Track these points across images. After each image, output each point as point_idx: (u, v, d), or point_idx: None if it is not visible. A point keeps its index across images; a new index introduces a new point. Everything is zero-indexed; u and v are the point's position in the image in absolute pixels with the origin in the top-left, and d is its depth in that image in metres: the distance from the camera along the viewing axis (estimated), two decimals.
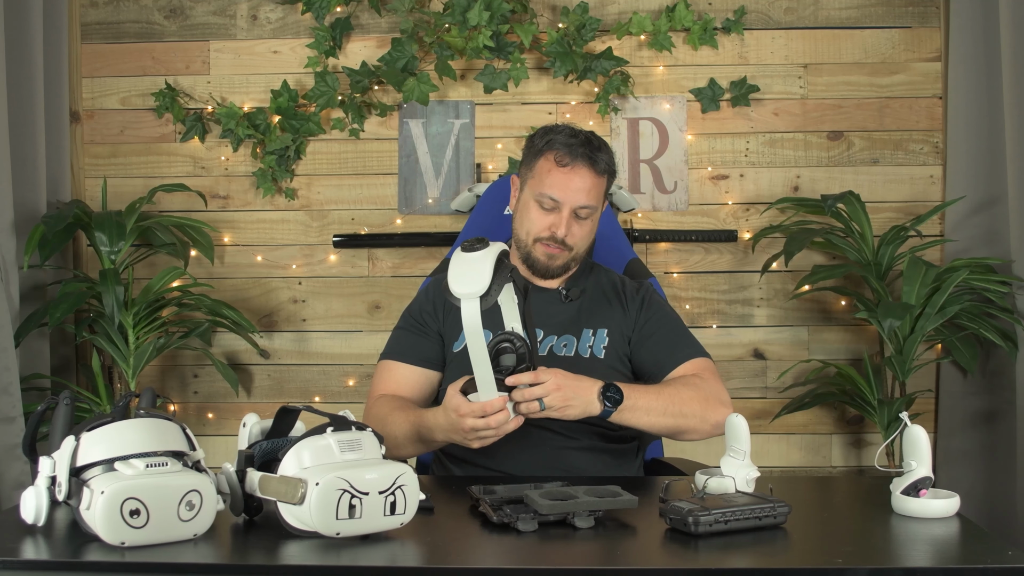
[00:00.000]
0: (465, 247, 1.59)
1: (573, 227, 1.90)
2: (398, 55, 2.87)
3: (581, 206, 1.89)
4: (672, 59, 2.93)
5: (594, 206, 1.92)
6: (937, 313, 2.54)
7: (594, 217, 1.94)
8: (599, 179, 1.91)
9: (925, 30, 2.91)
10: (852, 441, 2.93)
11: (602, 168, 1.91)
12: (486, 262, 1.56)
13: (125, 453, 1.32)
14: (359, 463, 1.34)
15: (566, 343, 1.92)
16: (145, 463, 1.31)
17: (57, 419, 1.48)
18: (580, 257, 1.96)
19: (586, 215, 1.91)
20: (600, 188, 1.92)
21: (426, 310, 2.00)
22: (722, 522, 1.34)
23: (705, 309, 2.94)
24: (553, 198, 1.89)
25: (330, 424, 1.37)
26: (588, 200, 1.90)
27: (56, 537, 1.36)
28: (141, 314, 2.70)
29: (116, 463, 1.31)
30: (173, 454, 1.36)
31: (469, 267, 1.57)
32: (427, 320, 1.98)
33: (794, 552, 1.33)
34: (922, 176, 2.92)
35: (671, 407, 1.78)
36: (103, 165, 3.01)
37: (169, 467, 1.32)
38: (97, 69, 3.01)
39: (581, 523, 1.39)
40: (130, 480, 1.27)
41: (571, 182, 1.88)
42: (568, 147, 1.90)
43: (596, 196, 1.91)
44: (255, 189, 2.98)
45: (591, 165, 1.89)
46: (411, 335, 1.98)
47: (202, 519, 1.32)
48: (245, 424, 1.51)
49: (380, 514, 1.32)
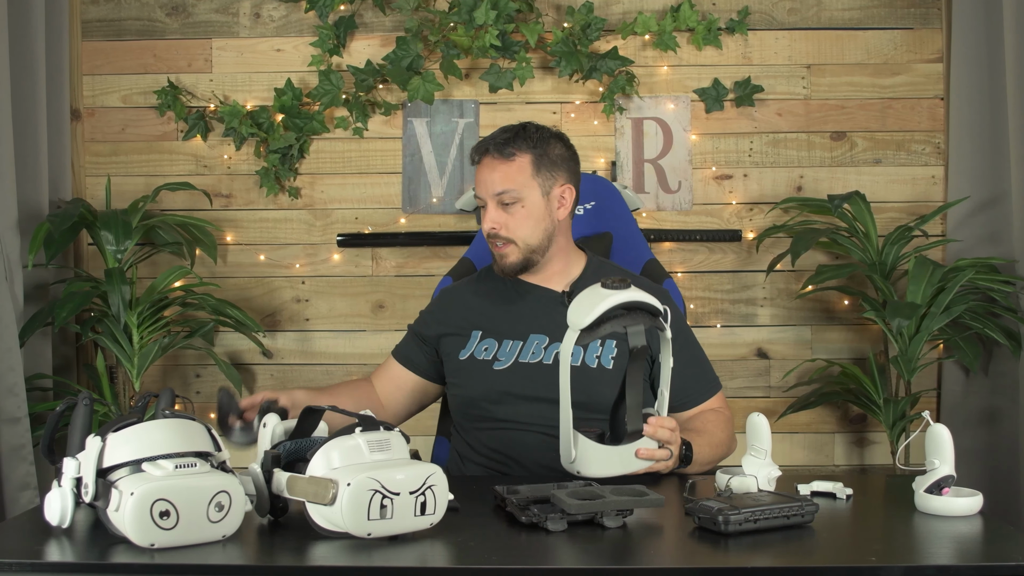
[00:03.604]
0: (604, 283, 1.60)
1: (501, 216, 1.89)
2: (403, 54, 2.86)
3: (497, 192, 1.89)
4: (676, 59, 2.93)
5: (512, 189, 1.88)
6: (943, 312, 2.55)
7: (526, 201, 1.89)
8: (509, 162, 1.89)
9: (927, 31, 2.93)
10: (855, 440, 2.94)
11: (508, 152, 1.89)
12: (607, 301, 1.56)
13: (153, 454, 1.31)
14: (389, 463, 1.33)
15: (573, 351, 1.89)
16: (174, 464, 1.29)
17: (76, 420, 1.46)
18: (536, 247, 1.92)
19: (511, 200, 1.89)
20: (515, 170, 1.89)
21: (432, 314, 2.03)
22: (751, 521, 1.34)
23: (709, 308, 2.95)
24: (479, 196, 1.94)
25: (359, 424, 1.36)
26: (503, 184, 1.88)
27: (81, 539, 1.34)
28: (145, 314, 2.68)
29: (144, 464, 1.30)
30: (199, 454, 1.34)
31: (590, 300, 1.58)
32: (430, 324, 2.01)
33: (826, 551, 1.33)
34: (924, 176, 2.94)
35: (714, 455, 1.84)
36: (104, 163, 2.99)
37: (198, 468, 1.30)
38: (98, 67, 2.98)
39: (610, 522, 1.38)
40: (160, 481, 1.26)
41: (482, 175, 1.92)
42: (476, 147, 1.95)
43: (512, 179, 1.88)
44: (258, 188, 2.96)
45: (496, 151, 1.90)
46: (410, 337, 2.04)
47: (231, 520, 1.30)
48: (265, 424, 1.50)
49: (410, 514, 1.31)
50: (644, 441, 1.62)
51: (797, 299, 2.92)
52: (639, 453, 1.61)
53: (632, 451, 1.60)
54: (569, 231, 1.99)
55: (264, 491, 1.39)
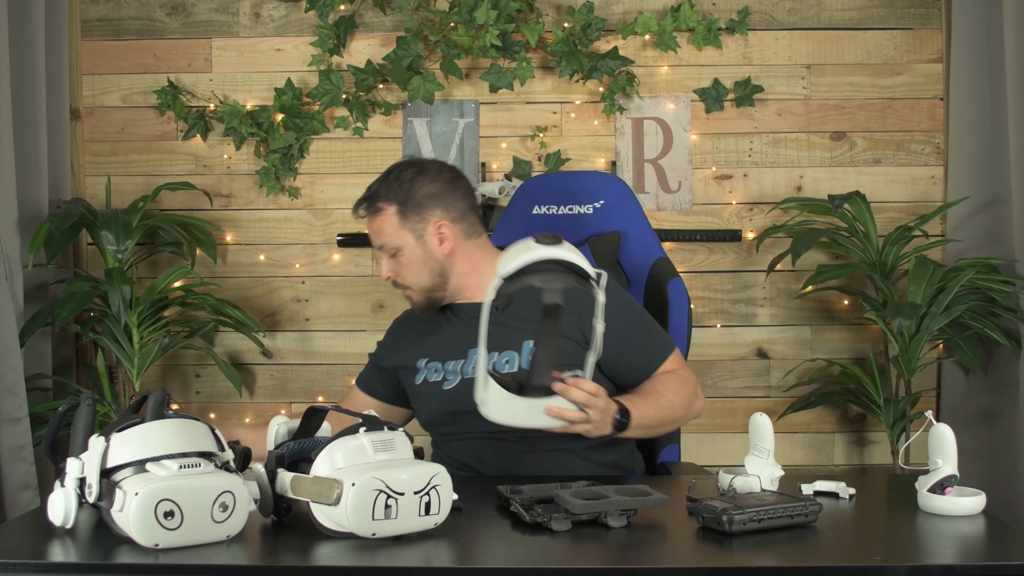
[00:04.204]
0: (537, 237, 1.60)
1: (390, 264, 1.94)
2: (403, 53, 2.86)
3: (379, 246, 1.95)
4: (677, 59, 2.93)
5: (386, 241, 1.92)
6: (943, 312, 2.56)
7: (404, 250, 1.91)
8: (377, 217, 1.93)
9: (927, 31, 2.93)
10: (855, 440, 2.95)
11: (375, 208, 1.93)
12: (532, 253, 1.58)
13: (157, 454, 1.30)
14: (393, 463, 1.33)
15: (508, 359, 1.89)
16: (178, 464, 1.29)
17: (79, 420, 1.45)
18: (431, 287, 1.94)
19: (393, 251, 1.93)
20: (384, 223, 1.92)
21: (386, 347, 2.08)
22: (756, 520, 1.34)
23: (709, 309, 2.95)
24: None
25: (362, 424, 1.36)
26: (378, 239, 1.94)
27: (85, 539, 1.34)
28: (145, 313, 2.67)
29: (148, 464, 1.30)
30: (203, 454, 1.34)
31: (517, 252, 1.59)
32: (384, 356, 2.07)
33: (830, 550, 1.33)
34: (923, 176, 2.94)
35: (664, 416, 1.84)
36: (103, 163, 2.98)
37: (202, 468, 1.30)
38: (98, 66, 2.98)
39: (614, 522, 1.39)
40: (164, 481, 1.26)
41: (369, 231, 1.96)
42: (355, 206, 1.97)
43: (384, 232, 1.92)
44: (258, 188, 2.96)
45: (366, 210, 1.94)
46: (371, 367, 2.09)
47: (235, 520, 1.30)
48: None
49: (415, 514, 1.31)
50: (557, 400, 1.59)
51: (797, 299, 2.92)
52: (549, 410, 1.59)
53: (541, 406, 1.59)
54: (474, 249, 1.96)
55: (268, 491, 1.39)
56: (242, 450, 1.46)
